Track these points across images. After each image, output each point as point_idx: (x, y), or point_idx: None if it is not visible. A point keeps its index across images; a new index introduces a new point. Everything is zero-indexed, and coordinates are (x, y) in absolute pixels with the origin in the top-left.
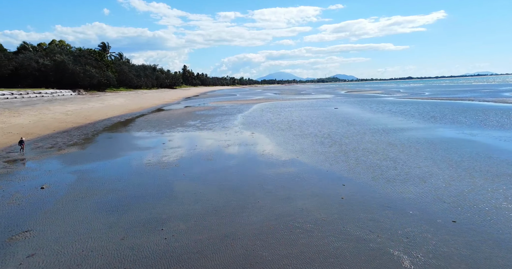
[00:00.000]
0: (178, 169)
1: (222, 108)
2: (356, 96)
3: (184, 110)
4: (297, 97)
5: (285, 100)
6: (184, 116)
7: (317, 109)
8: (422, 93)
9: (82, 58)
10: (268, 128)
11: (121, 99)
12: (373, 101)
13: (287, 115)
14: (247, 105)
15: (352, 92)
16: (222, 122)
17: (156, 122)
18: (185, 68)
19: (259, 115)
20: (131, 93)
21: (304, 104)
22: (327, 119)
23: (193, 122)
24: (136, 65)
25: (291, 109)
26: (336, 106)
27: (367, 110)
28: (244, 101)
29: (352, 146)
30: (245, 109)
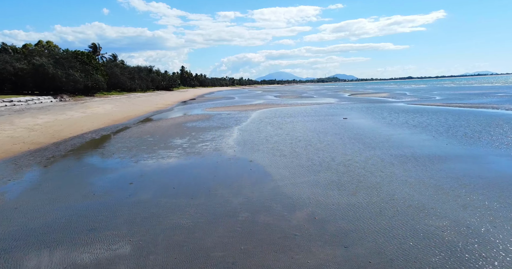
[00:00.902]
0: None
1: (217, 117)
2: (362, 101)
3: (175, 121)
4: (298, 101)
5: (286, 106)
6: (172, 131)
7: (323, 119)
8: (432, 98)
9: (66, 61)
10: (269, 152)
11: (108, 106)
12: (383, 108)
13: (289, 129)
14: (245, 112)
15: (356, 95)
16: (215, 141)
17: (136, 141)
18: (183, 69)
19: (258, 128)
20: (122, 97)
21: (308, 111)
22: (338, 136)
23: (180, 141)
24: (130, 67)
25: (293, 120)
26: (344, 115)
27: (380, 122)
28: (242, 107)
29: (385, 193)
30: (242, 118)
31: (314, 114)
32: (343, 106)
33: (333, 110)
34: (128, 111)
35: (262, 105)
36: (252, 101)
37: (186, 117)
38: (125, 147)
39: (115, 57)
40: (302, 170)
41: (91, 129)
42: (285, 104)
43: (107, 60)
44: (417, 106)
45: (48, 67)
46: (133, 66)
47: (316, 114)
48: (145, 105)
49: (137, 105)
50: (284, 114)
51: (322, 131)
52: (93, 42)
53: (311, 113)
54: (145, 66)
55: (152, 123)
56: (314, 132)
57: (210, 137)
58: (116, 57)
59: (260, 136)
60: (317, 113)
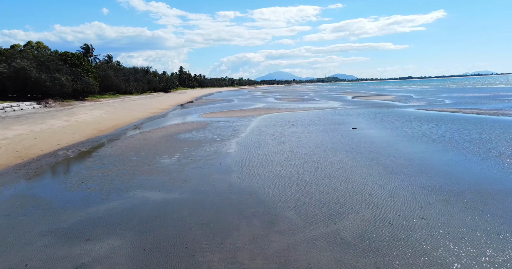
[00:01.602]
0: None
1: (214, 125)
2: (367, 105)
3: (167, 131)
4: (300, 105)
5: (287, 111)
6: (162, 146)
7: (329, 129)
8: (441, 102)
9: (51, 63)
10: (272, 179)
11: (97, 112)
12: (392, 114)
13: (293, 143)
14: (244, 119)
15: (359, 97)
16: (209, 160)
17: (116, 161)
18: (181, 70)
19: (258, 142)
20: (115, 101)
21: (311, 118)
22: (350, 154)
23: (168, 161)
24: (126, 68)
25: (296, 130)
26: (352, 123)
27: (394, 133)
28: (241, 112)
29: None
30: (241, 128)
31: (319, 122)
32: (348, 111)
33: (338, 117)
34: (118, 118)
35: (263, 110)
36: (251, 104)
37: (180, 126)
38: (100, 172)
39: (110, 58)
40: (315, 212)
41: (70, 143)
42: (287, 109)
43: (101, 61)
44: (428, 112)
45: (31, 70)
46: (129, 67)
47: (321, 122)
48: (139, 110)
49: (129, 110)
50: (286, 122)
51: (331, 147)
52: (86, 43)
53: (315, 120)
54: (141, 67)
55: (141, 134)
56: (322, 148)
57: (204, 154)
58: (112, 58)
59: (260, 153)
60: (322, 120)
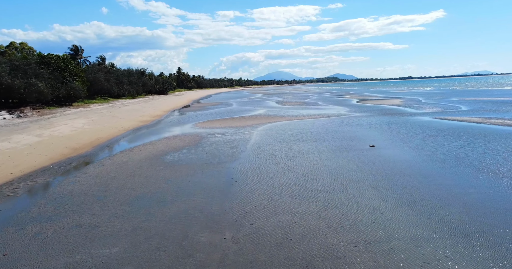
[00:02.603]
0: None
1: (209, 141)
2: (377, 111)
3: (154, 149)
4: (304, 111)
5: (291, 119)
6: (142, 175)
7: (342, 149)
8: (456, 108)
9: (29, 67)
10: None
11: (80, 122)
12: (408, 124)
13: (301, 171)
14: (243, 131)
15: (365, 101)
16: (197, 205)
17: (72, 206)
18: (179, 71)
19: (259, 171)
20: (105, 106)
21: (318, 130)
22: (379, 194)
23: (141, 203)
24: (120, 70)
25: (303, 148)
26: (366, 137)
27: (421, 156)
28: (240, 121)
29: None
30: (240, 144)
31: (328, 136)
32: (357, 120)
33: (349, 129)
34: (102, 130)
35: (263, 118)
36: (251, 110)
37: (170, 141)
38: (40, 230)
39: (103, 59)
40: None
41: (28, 170)
42: (289, 117)
43: (91, 63)
44: (449, 122)
45: (2, 76)
46: (125, 68)
47: (330, 136)
48: (128, 118)
49: (118, 119)
50: (290, 136)
51: (350, 179)
52: (74, 44)
53: (323, 133)
54: (137, 69)
55: (122, 155)
56: (339, 179)
57: (192, 191)
58: (105, 59)
59: (263, 189)
60: (331, 133)
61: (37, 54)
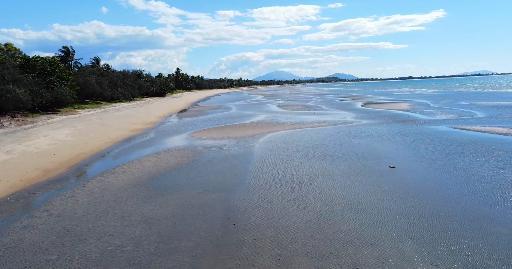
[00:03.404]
0: None
1: (204, 158)
2: (386, 118)
3: (140, 171)
4: (308, 117)
5: (294, 127)
6: (116, 216)
7: (357, 170)
8: (472, 114)
9: (7, 72)
10: None
11: (63, 132)
12: (424, 135)
13: (311, 205)
14: (243, 143)
15: (370, 105)
16: None
17: None
18: (178, 72)
19: (261, 205)
20: (96, 112)
21: (326, 142)
22: (417, 245)
23: (110, 266)
24: (115, 72)
25: (310, 169)
26: (384, 155)
27: (451, 181)
28: (240, 130)
29: None
30: (239, 164)
31: (338, 151)
32: (367, 129)
33: (359, 142)
34: (86, 142)
35: (265, 126)
36: (251, 115)
37: (161, 158)
38: None
39: (98, 61)
40: None
41: None
42: (293, 124)
43: (82, 66)
44: (470, 133)
45: None
46: (120, 70)
47: (340, 151)
48: (119, 125)
49: (107, 127)
50: (295, 150)
51: (379, 222)
52: (65, 45)
53: (332, 146)
54: (133, 70)
55: (101, 179)
56: (361, 217)
57: (176, 239)
58: (99, 61)
59: (267, 244)
60: (340, 146)
61: (21, 56)
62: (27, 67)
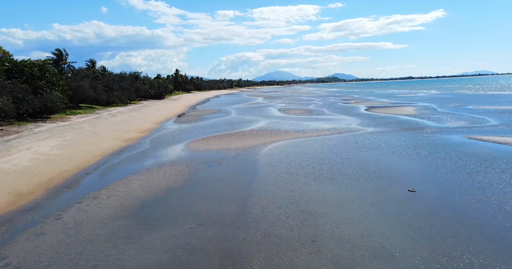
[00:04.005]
0: None
1: (200, 178)
2: (393, 125)
3: (125, 197)
4: (310, 124)
5: (297, 136)
6: (90, 265)
7: (374, 198)
8: (484, 121)
9: None
10: None
11: (49, 144)
12: (437, 147)
13: (326, 252)
14: (243, 155)
15: (374, 109)
16: None
17: None
18: (177, 73)
19: (266, 248)
20: (88, 118)
21: (332, 156)
22: None
23: None
24: (112, 75)
25: (317, 194)
26: (399, 174)
27: (483, 209)
28: (240, 139)
29: None
30: (238, 186)
31: (347, 169)
32: (374, 139)
33: (368, 155)
34: (73, 156)
35: (266, 134)
36: (252, 121)
37: (150, 179)
38: None
39: (93, 63)
40: None
41: None
42: (295, 132)
43: (75, 69)
44: (488, 145)
45: None
46: (117, 72)
47: (350, 168)
48: (112, 134)
49: (99, 136)
50: (299, 168)
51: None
52: (58, 48)
53: (340, 163)
54: (130, 73)
55: (77, 210)
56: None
57: None
58: (95, 63)
59: None
60: (347, 162)
61: (8, 60)
62: (15, 72)
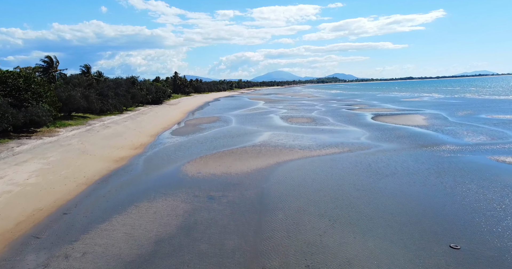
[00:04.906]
0: None
1: (196, 223)
2: (405, 139)
3: (102, 259)
4: (316, 136)
5: (303, 155)
6: None
7: (412, 255)
8: (505, 136)
9: None
10: None
11: (28, 170)
12: (464, 174)
13: None
14: (246, 184)
15: (382, 118)
16: None
17: None
18: (176, 75)
19: None
20: (79, 131)
21: (346, 189)
22: None
23: None
24: (108, 80)
25: (338, 250)
26: (432, 220)
27: None
28: (242, 162)
29: None
30: (244, 242)
31: (366, 206)
32: (388, 159)
33: (386, 185)
34: (52, 186)
35: (270, 152)
36: (253, 133)
37: (139, 222)
38: None
39: (88, 68)
40: None
41: None
42: (301, 150)
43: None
44: None
45: None
46: (113, 77)
47: (370, 205)
48: (102, 151)
49: (88, 155)
50: (311, 206)
51: None
52: (49, 55)
53: (357, 198)
54: (127, 77)
55: None
56: None
57: None
58: (90, 68)
59: None
60: (366, 196)
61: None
62: None
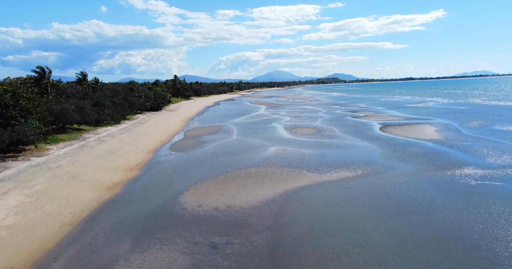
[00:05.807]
0: None
1: None
2: (420, 158)
3: None
4: (326, 152)
5: (313, 181)
6: None
7: None
8: None
9: None
10: None
11: (7, 205)
12: (500, 210)
13: None
14: (253, 220)
15: (390, 129)
16: None
17: None
18: (175, 79)
19: None
20: (71, 149)
21: (369, 234)
22: None
23: None
24: (105, 87)
25: None
26: None
27: None
28: (246, 190)
29: None
30: None
31: (395, 260)
32: (407, 188)
33: (413, 229)
34: (31, 228)
35: (276, 176)
36: (257, 149)
37: None
38: None
39: (84, 76)
40: None
41: None
42: (311, 173)
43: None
44: None
45: None
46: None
47: (399, 260)
48: (93, 176)
49: (77, 180)
50: (330, 261)
51: None
52: (40, 65)
53: (386, 248)
54: (124, 83)
55: None
56: None
57: None
58: (86, 76)
59: None
60: (395, 244)
61: None
62: None
